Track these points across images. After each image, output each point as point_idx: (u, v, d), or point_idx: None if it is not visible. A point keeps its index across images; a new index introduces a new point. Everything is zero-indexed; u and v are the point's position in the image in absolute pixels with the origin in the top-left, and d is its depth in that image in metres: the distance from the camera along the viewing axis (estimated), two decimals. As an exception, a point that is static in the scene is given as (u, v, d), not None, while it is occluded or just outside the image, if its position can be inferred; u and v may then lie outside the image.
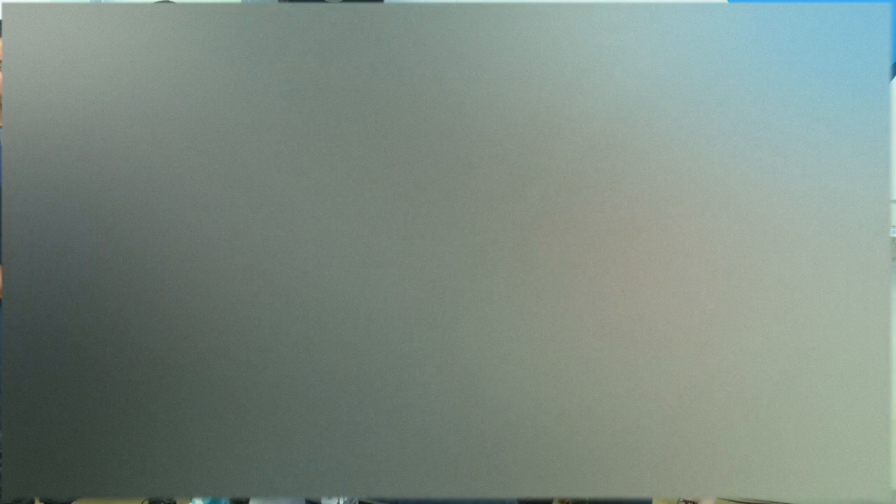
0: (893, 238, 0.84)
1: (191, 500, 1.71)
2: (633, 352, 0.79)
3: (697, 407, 0.79)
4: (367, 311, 0.79)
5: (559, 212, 0.79)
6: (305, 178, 0.78)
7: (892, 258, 0.80)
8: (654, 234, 0.79)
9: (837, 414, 0.79)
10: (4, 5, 0.80)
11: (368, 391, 0.79)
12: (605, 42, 0.78)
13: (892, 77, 0.84)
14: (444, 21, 0.78)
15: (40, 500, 1.68)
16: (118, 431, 0.79)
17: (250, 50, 0.78)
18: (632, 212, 0.78)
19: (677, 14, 0.79)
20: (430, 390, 0.79)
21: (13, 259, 0.78)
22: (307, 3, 0.80)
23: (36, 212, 0.78)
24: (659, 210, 0.79)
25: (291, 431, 0.79)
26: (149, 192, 0.78)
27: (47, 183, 0.78)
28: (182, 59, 0.78)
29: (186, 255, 0.78)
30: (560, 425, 0.79)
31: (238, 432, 0.79)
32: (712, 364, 0.79)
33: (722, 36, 0.79)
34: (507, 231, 0.78)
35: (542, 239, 0.79)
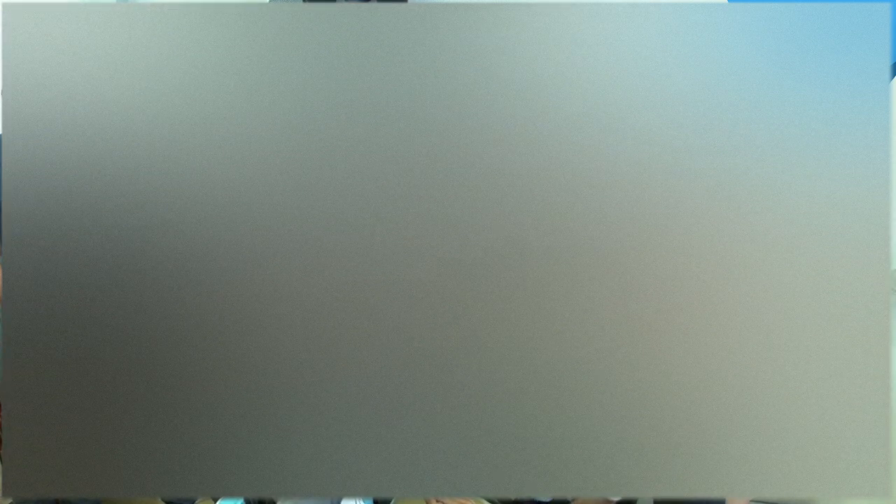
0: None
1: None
2: (633, 352, 0.79)
3: (697, 407, 0.79)
4: (368, 310, 0.79)
5: (560, 211, 0.79)
6: (306, 179, 0.78)
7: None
8: (654, 234, 0.79)
9: (837, 414, 0.80)
10: (4, 5, 0.80)
11: (369, 391, 0.79)
12: (605, 42, 0.78)
13: (892, 77, 0.84)
14: (444, 21, 0.78)
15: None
16: (119, 431, 0.79)
17: (251, 50, 0.78)
18: (632, 211, 0.79)
19: (677, 14, 0.79)
20: (430, 390, 0.79)
21: (13, 259, 0.78)
22: (308, 4, 0.80)
23: (36, 212, 0.78)
24: (659, 210, 0.79)
25: (292, 431, 0.79)
26: (149, 192, 0.78)
27: (47, 183, 0.78)
28: (182, 59, 0.78)
29: (188, 254, 0.78)
30: (561, 425, 0.79)
31: (236, 432, 0.79)
32: (712, 364, 0.79)
33: (722, 36, 0.79)
34: (508, 231, 0.78)
35: (544, 238, 0.79)
